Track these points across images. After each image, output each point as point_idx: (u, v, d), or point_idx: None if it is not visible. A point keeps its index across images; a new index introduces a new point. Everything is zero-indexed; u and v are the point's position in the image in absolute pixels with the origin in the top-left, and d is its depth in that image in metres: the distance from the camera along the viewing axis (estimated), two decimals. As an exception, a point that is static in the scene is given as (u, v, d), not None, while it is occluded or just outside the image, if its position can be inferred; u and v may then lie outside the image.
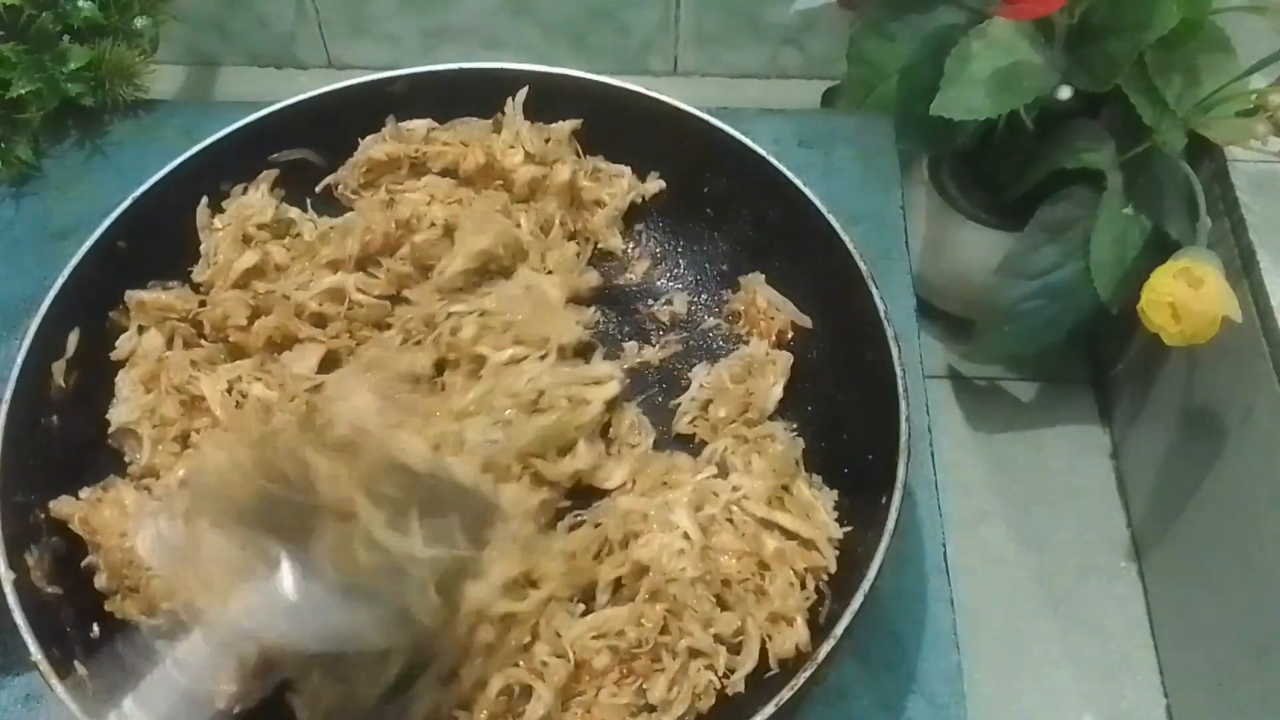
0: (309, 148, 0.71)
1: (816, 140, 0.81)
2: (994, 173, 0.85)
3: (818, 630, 0.55)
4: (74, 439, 0.61)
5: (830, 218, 0.64)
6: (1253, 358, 0.70)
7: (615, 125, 0.70)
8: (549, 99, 0.71)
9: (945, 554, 0.66)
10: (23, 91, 0.78)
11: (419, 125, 0.71)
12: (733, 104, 0.81)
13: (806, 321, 0.67)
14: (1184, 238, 0.72)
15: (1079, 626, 0.83)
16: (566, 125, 0.71)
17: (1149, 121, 0.73)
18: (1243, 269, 0.72)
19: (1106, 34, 0.72)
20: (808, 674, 0.50)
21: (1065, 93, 0.74)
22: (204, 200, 0.68)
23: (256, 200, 0.69)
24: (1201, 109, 0.74)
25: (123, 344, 0.64)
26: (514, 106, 0.71)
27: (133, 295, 0.65)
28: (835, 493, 0.61)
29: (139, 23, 0.83)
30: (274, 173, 0.70)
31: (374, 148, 0.71)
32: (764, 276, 0.69)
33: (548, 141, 0.71)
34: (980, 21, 0.74)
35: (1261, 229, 0.72)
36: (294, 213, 0.71)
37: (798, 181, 0.65)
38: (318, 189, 0.72)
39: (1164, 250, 0.72)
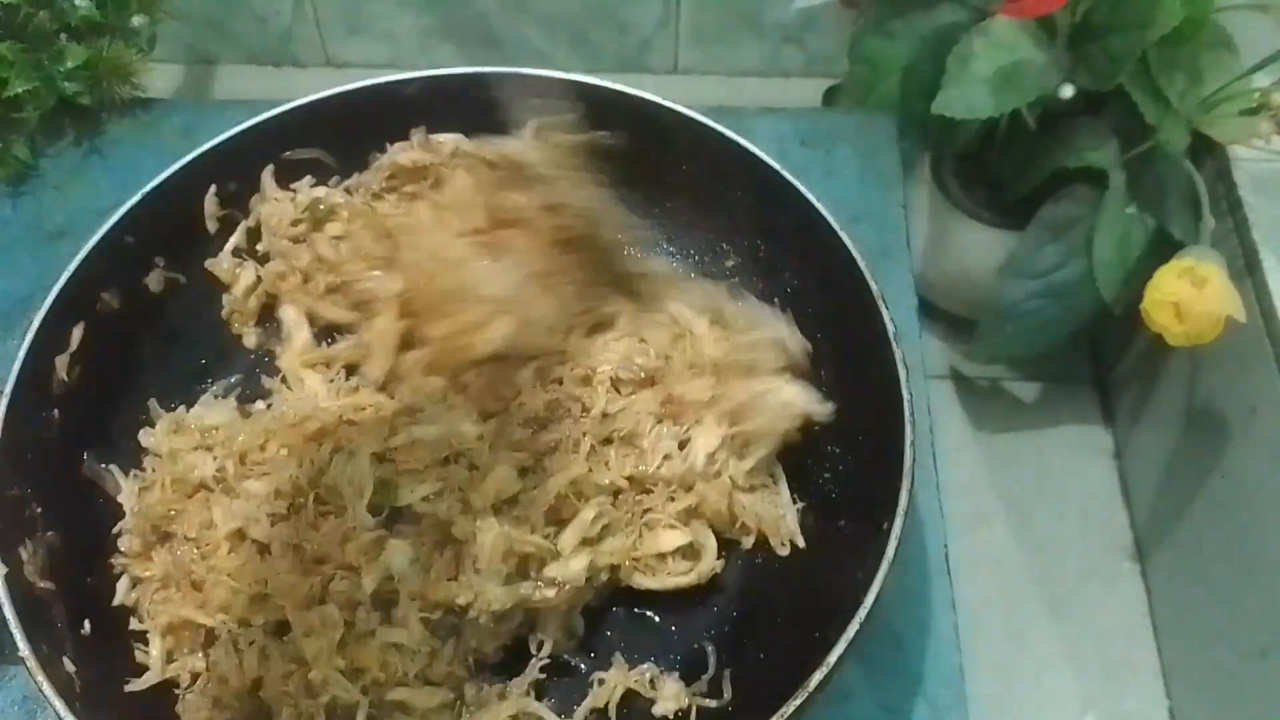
0: (321, 148, 0.70)
1: (818, 139, 0.81)
2: (996, 172, 0.85)
3: (812, 656, 0.53)
4: (74, 433, 0.61)
5: (845, 237, 0.63)
6: (1256, 358, 0.70)
7: (627, 132, 0.70)
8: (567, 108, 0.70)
9: (947, 555, 0.66)
10: (20, 90, 0.77)
11: (449, 139, 0.70)
12: (733, 103, 0.81)
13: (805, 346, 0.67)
14: (1187, 237, 0.72)
15: (1081, 628, 0.83)
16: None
17: (1152, 120, 0.73)
18: (1246, 268, 0.72)
19: (1109, 32, 0.72)
20: (798, 702, 0.49)
21: (1067, 91, 0.74)
22: (211, 189, 0.68)
23: (275, 206, 0.68)
24: (1204, 108, 0.73)
25: None
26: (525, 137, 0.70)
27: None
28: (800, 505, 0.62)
29: (136, 21, 0.83)
30: (270, 167, 0.69)
31: (401, 155, 0.70)
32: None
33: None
34: (982, 20, 0.74)
35: (1265, 228, 0.72)
36: (320, 192, 0.70)
37: (810, 196, 0.64)
38: (338, 189, 0.71)
39: (1167, 250, 0.71)
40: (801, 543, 0.60)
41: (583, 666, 0.59)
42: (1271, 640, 0.69)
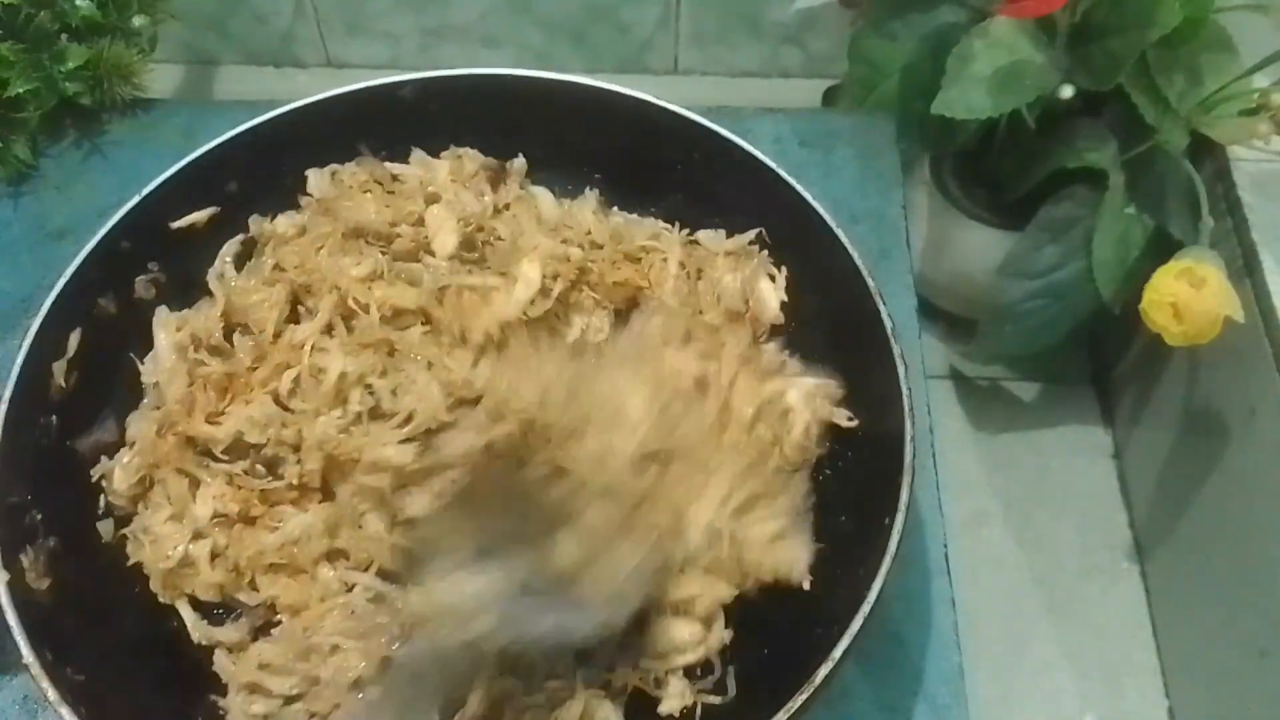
0: (314, 152, 0.70)
1: (817, 140, 0.81)
2: (995, 172, 0.85)
3: (816, 652, 0.53)
4: (72, 439, 0.61)
5: (842, 235, 0.63)
6: (1255, 358, 0.70)
7: (626, 134, 0.70)
8: (558, 107, 0.70)
9: (946, 555, 0.66)
10: (21, 90, 0.77)
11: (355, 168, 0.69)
12: (733, 103, 0.81)
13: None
14: (1186, 237, 0.72)
15: (1080, 627, 0.83)
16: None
17: (1151, 121, 0.73)
18: (1245, 268, 0.72)
19: (1108, 33, 0.72)
20: (804, 697, 0.49)
21: (1067, 91, 0.74)
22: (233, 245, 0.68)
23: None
24: (1204, 108, 0.73)
25: None
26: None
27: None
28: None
29: (137, 21, 0.83)
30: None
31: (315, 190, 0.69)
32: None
33: None
34: (982, 20, 0.74)
35: (1264, 228, 0.72)
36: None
37: (808, 196, 0.65)
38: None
39: (1166, 250, 0.71)
40: (808, 586, 0.58)
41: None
42: (1271, 640, 0.69)
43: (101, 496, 0.61)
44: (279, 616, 0.58)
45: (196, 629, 0.58)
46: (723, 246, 0.68)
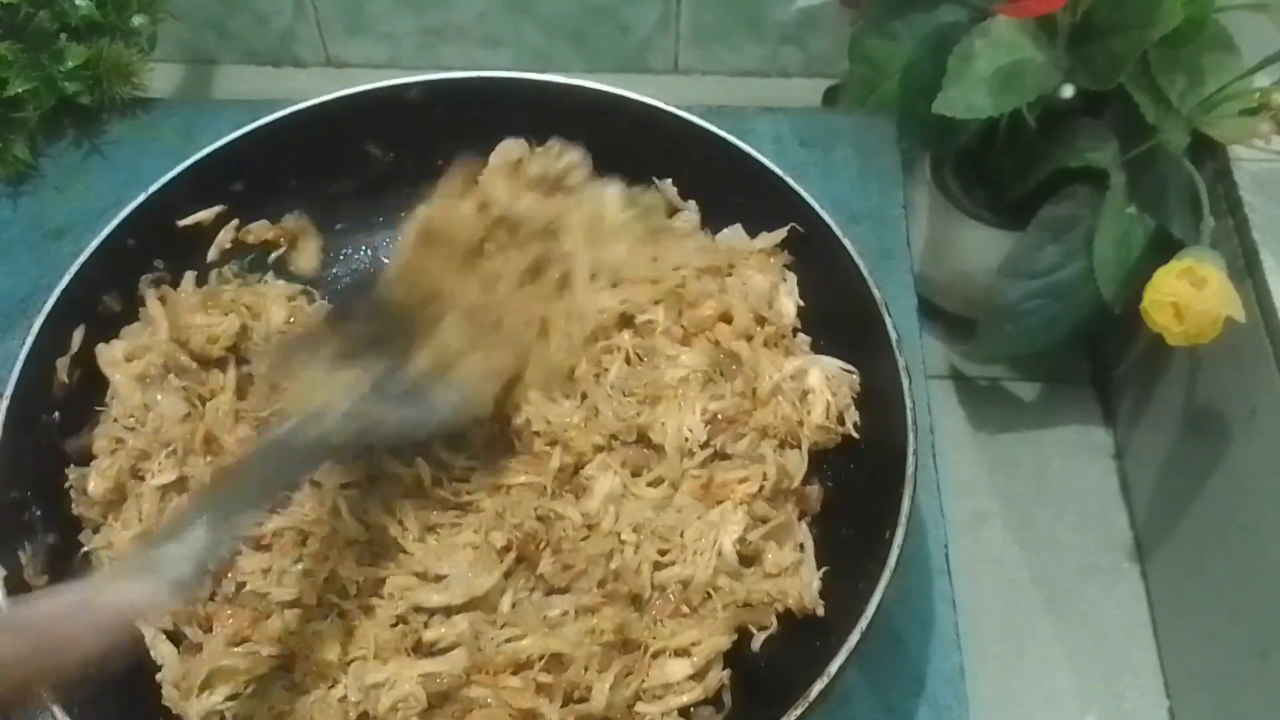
0: (321, 152, 0.70)
1: (818, 139, 0.81)
2: (996, 172, 0.85)
3: (814, 665, 0.52)
4: (73, 435, 0.61)
5: (847, 242, 0.62)
6: (1256, 358, 0.70)
7: (631, 137, 0.69)
8: (567, 112, 0.69)
9: (947, 555, 0.66)
10: (20, 90, 0.77)
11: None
12: (733, 103, 0.81)
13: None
14: (1187, 237, 0.72)
15: (1081, 627, 0.83)
16: None
17: (1152, 120, 0.73)
18: (1246, 268, 0.72)
19: (1109, 32, 0.72)
20: (799, 712, 0.49)
21: (1068, 91, 0.74)
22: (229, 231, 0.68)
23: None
24: (1205, 108, 0.73)
25: None
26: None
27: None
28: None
29: (137, 21, 0.83)
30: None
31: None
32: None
33: None
34: (983, 19, 0.74)
35: (1265, 228, 0.72)
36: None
37: (809, 197, 0.64)
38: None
39: (1167, 249, 0.71)
40: (822, 612, 0.58)
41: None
42: (1271, 640, 0.69)
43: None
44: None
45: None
46: (754, 245, 0.67)
